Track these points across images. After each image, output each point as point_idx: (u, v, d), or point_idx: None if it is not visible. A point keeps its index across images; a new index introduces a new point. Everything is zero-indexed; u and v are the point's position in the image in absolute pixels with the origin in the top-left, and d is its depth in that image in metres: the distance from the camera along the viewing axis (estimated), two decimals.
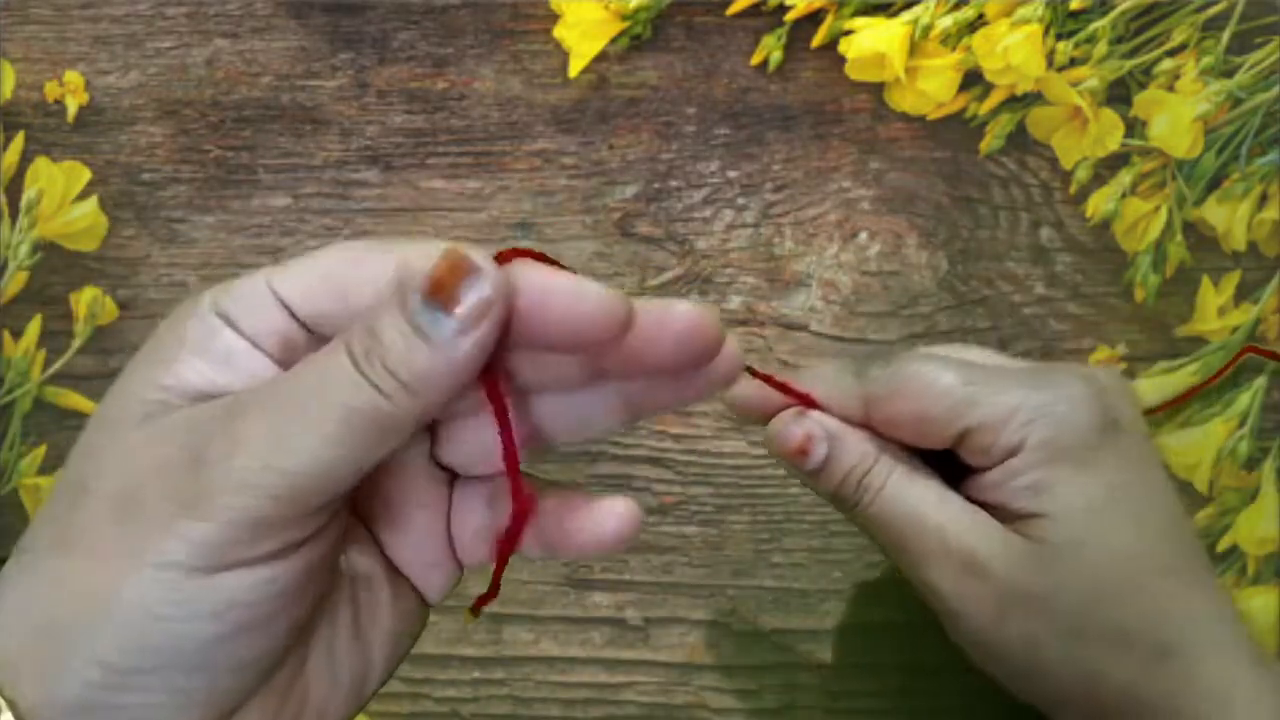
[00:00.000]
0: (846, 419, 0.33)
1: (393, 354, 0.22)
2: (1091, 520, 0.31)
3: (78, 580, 0.23)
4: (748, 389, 0.33)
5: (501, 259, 0.23)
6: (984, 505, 0.33)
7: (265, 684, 0.25)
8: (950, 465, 0.34)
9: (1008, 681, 0.33)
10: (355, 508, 0.27)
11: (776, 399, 0.33)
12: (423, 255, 0.23)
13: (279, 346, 0.24)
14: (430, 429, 0.27)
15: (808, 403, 0.33)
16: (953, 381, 0.32)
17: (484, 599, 0.27)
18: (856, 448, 0.33)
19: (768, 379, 0.32)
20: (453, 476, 0.27)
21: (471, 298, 0.22)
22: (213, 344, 0.24)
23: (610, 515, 0.26)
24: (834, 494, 0.34)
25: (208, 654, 0.23)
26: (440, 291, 0.22)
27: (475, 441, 0.26)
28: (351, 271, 0.24)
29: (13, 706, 0.23)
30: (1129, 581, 0.31)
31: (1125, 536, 0.32)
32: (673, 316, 0.23)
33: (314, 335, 0.24)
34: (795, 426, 0.33)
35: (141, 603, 0.22)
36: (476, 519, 0.27)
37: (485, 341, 0.22)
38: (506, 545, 0.25)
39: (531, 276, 0.23)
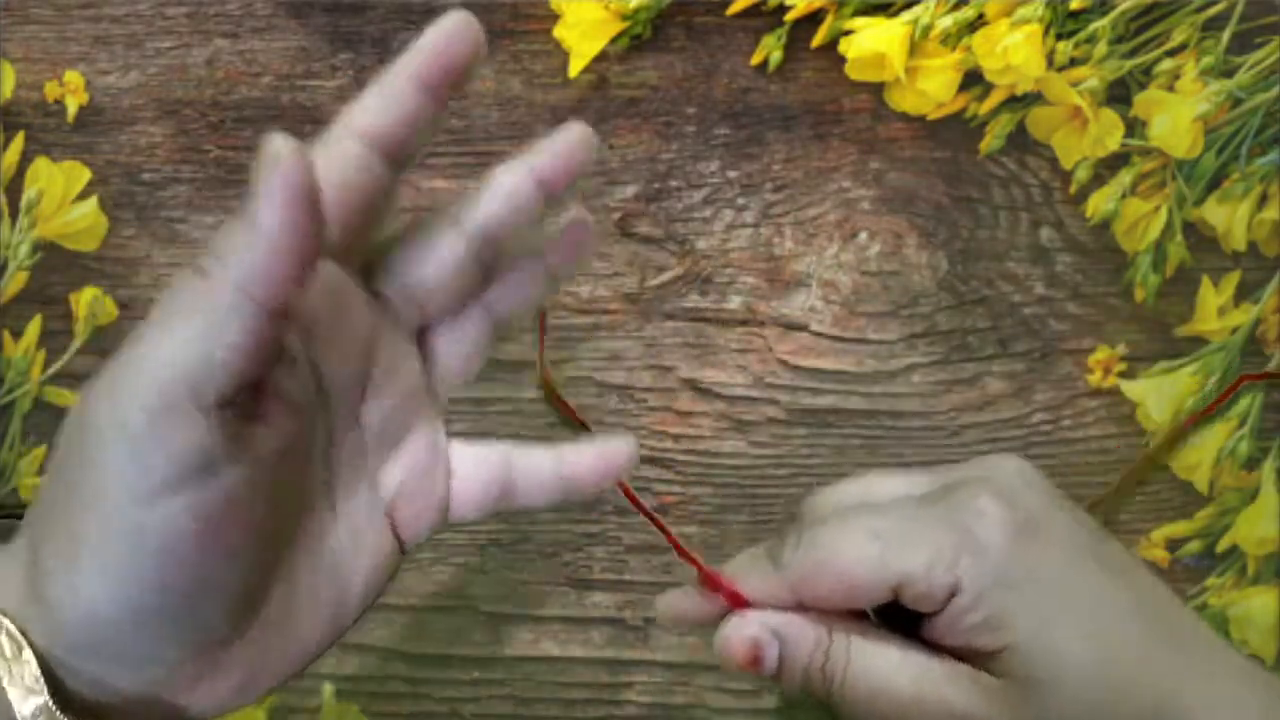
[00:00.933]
0: (780, 606, 0.32)
1: (215, 241, 0.24)
2: (1052, 637, 0.30)
3: (57, 503, 0.25)
4: (674, 598, 0.33)
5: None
6: (948, 649, 0.31)
7: (255, 616, 0.27)
8: (905, 610, 0.32)
9: None
10: (357, 452, 0.29)
11: (706, 606, 0.33)
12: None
13: None
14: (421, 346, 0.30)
15: (739, 602, 0.32)
16: (864, 546, 0.31)
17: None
18: (808, 638, 0.32)
19: (695, 563, 0.32)
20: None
21: (269, 167, 0.23)
22: None
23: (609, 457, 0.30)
24: (801, 688, 0.32)
25: (168, 583, 0.25)
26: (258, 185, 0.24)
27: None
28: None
29: (30, 643, 0.25)
30: (1112, 688, 0.30)
31: (1091, 644, 0.30)
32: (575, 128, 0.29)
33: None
34: (740, 633, 0.32)
35: (116, 516, 0.24)
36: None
37: (291, 201, 0.24)
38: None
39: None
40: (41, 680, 0.25)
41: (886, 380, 0.45)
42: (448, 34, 0.28)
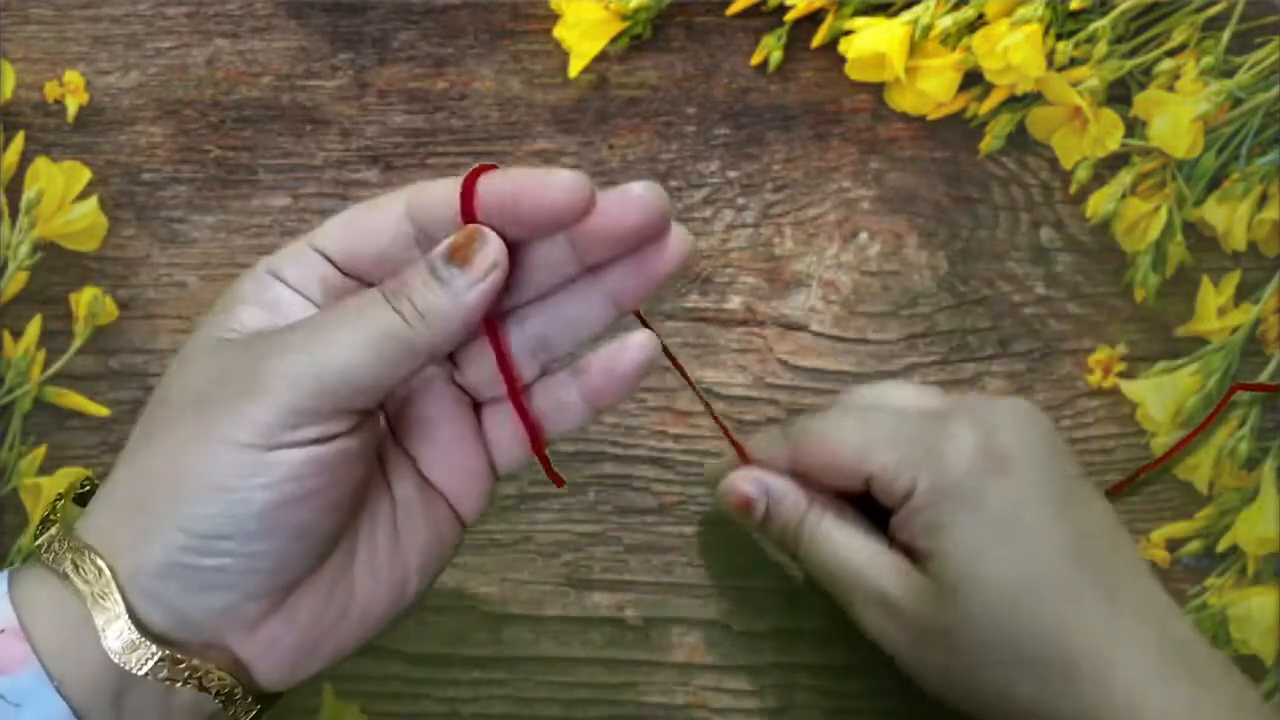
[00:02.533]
0: (779, 471, 0.38)
1: (416, 294, 0.29)
2: (980, 556, 0.34)
3: (160, 464, 0.29)
4: (713, 464, 0.41)
5: (469, 180, 0.29)
6: (900, 545, 0.36)
7: (317, 570, 0.30)
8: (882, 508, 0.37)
9: (937, 700, 0.35)
10: (396, 438, 0.33)
11: (733, 468, 0.39)
12: (423, 190, 0.30)
13: (319, 291, 0.31)
14: (451, 360, 0.33)
15: (748, 462, 0.38)
16: (852, 432, 0.36)
17: (552, 475, 0.34)
18: (789, 500, 0.37)
19: (723, 428, 0.38)
20: (475, 402, 0.33)
21: (481, 260, 0.29)
22: (264, 294, 0.30)
23: (629, 349, 0.32)
24: (778, 540, 0.38)
25: (266, 521, 0.28)
26: (457, 253, 0.29)
27: (489, 368, 0.32)
28: (370, 213, 0.31)
29: (113, 571, 0.28)
30: (1023, 610, 0.33)
31: (1015, 568, 0.33)
32: (630, 190, 0.29)
33: (348, 276, 0.31)
34: (738, 484, 0.38)
35: (210, 476, 0.28)
36: (506, 431, 0.33)
37: (489, 292, 0.29)
38: (538, 448, 0.33)
39: (504, 179, 0.29)
40: (123, 605, 0.28)
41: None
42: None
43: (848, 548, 0.36)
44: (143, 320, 0.45)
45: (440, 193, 0.30)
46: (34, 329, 0.45)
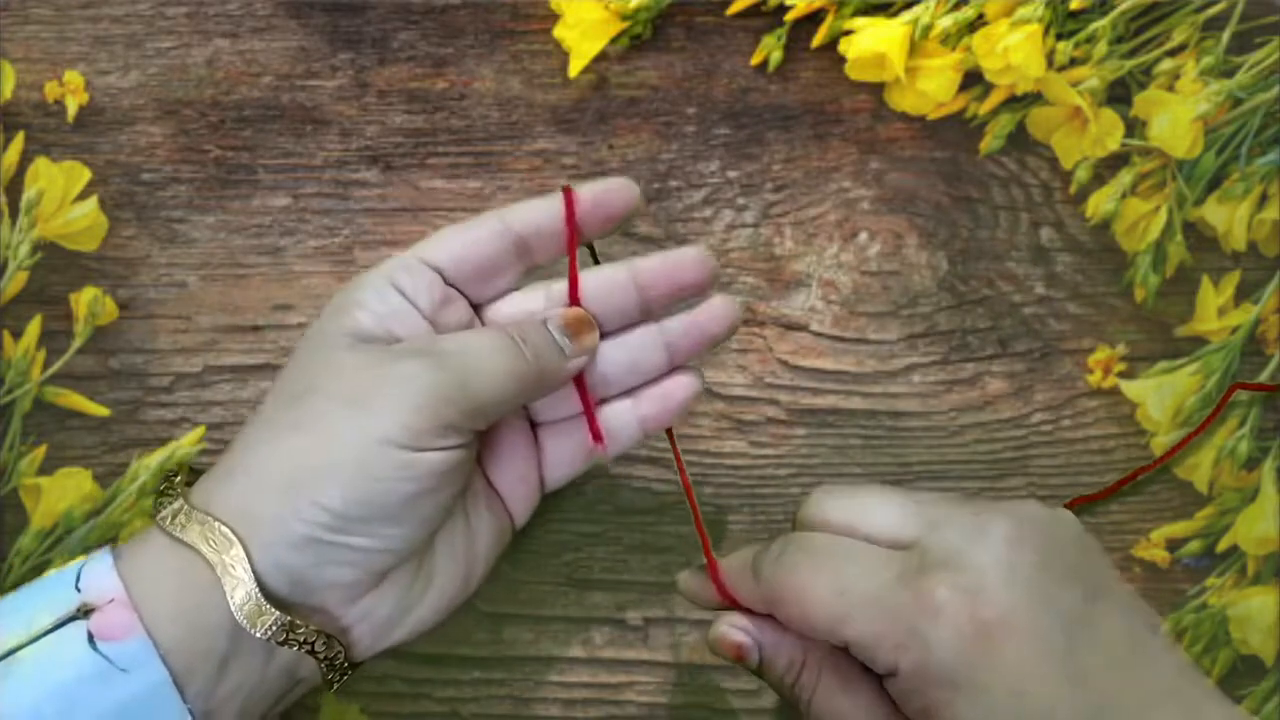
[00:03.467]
0: (758, 610, 0.35)
1: (539, 350, 0.35)
2: None
3: (316, 449, 0.32)
4: (686, 578, 0.38)
5: (569, 202, 0.36)
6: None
7: (414, 553, 0.34)
8: None
9: None
10: None
11: (708, 592, 0.37)
12: (524, 208, 0.36)
13: (426, 300, 0.35)
14: None
15: (729, 598, 0.36)
16: (827, 598, 0.32)
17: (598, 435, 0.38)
18: (783, 655, 0.35)
19: (706, 552, 0.37)
20: (533, 422, 0.39)
21: (587, 341, 0.36)
22: (383, 304, 0.35)
23: (681, 384, 0.38)
24: (777, 690, 0.36)
25: (404, 508, 0.33)
26: (571, 326, 0.36)
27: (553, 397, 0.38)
28: (472, 229, 0.36)
29: (243, 543, 0.32)
30: None
31: None
32: (689, 250, 0.37)
33: (449, 286, 0.36)
34: (729, 634, 0.35)
35: (366, 466, 0.32)
36: (556, 450, 0.38)
37: (586, 362, 0.36)
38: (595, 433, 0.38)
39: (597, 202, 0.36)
40: (252, 573, 0.31)
41: (886, 380, 0.45)
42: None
43: (849, 712, 0.34)
44: (143, 320, 0.45)
45: (541, 209, 0.36)
46: (34, 329, 0.45)
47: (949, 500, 0.34)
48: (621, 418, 0.38)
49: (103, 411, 0.44)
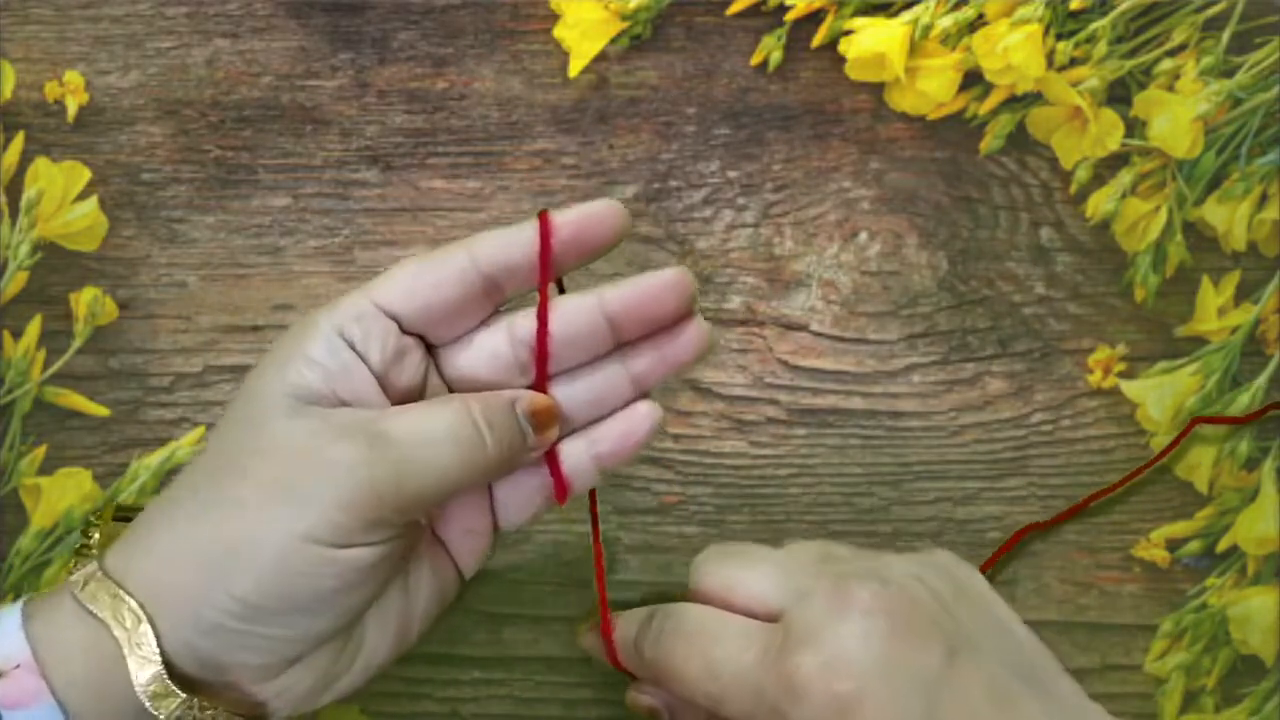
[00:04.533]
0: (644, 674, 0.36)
1: (503, 437, 0.32)
2: None
3: (235, 536, 0.30)
4: (588, 639, 0.38)
5: (544, 235, 0.33)
6: None
7: (337, 636, 0.32)
8: None
9: None
10: None
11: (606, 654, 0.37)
12: (489, 241, 0.33)
13: (378, 354, 0.32)
14: None
15: (609, 644, 0.37)
16: (699, 674, 0.33)
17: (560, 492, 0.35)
18: (690, 714, 0.36)
19: (604, 614, 0.36)
20: None
21: (549, 435, 0.34)
22: (333, 360, 0.32)
23: (638, 424, 0.35)
24: None
25: (321, 603, 0.31)
26: (539, 417, 0.33)
27: None
28: (435, 268, 0.33)
29: (152, 623, 0.30)
30: None
31: None
32: (667, 273, 0.33)
33: (406, 334, 0.33)
34: (641, 700, 0.37)
35: (286, 561, 0.30)
36: (510, 496, 0.36)
37: (547, 449, 0.34)
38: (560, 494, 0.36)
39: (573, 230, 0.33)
40: (158, 652, 0.30)
41: (886, 380, 0.45)
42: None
43: None
44: (143, 320, 0.45)
45: (514, 244, 0.33)
46: (34, 329, 0.45)
47: (819, 564, 0.34)
48: (576, 458, 0.35)
49: (103, 411, 0.44)
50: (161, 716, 0.30)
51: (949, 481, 0.44)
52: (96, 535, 0.33)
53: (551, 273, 0.33)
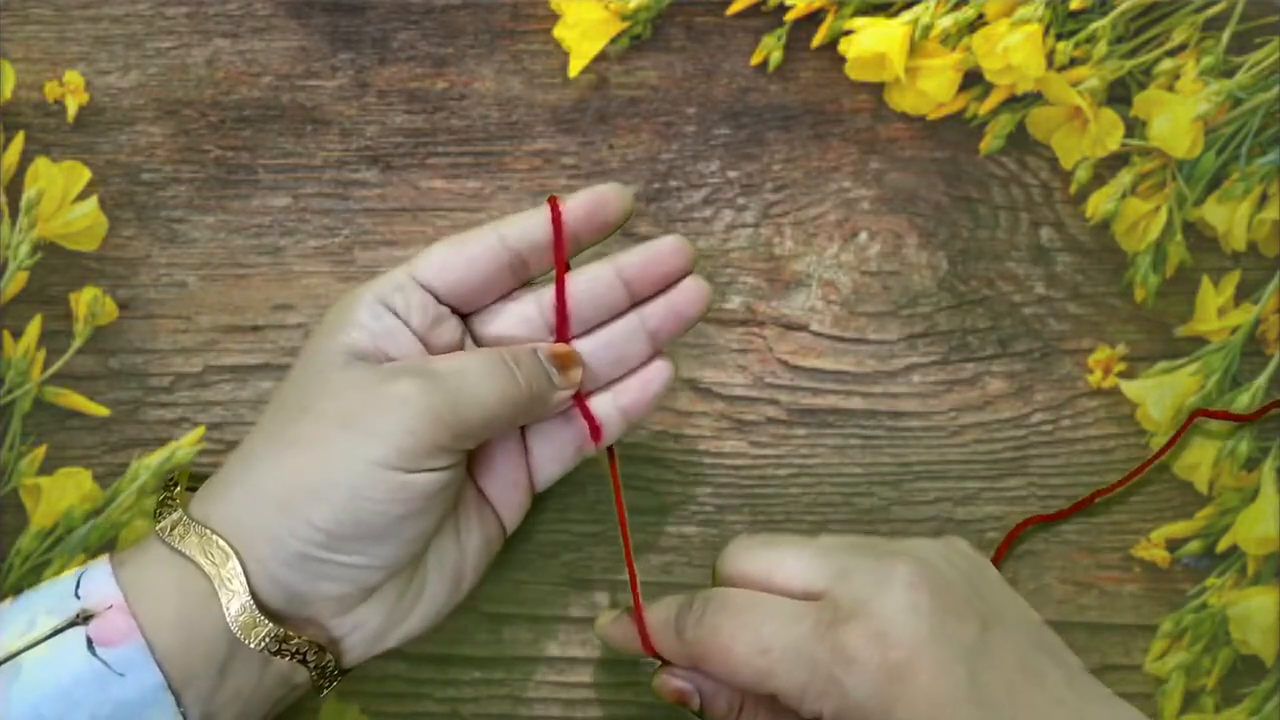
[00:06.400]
0: (682, 663, 0.37)
1: (531, 376, 0.36)
2: None
3: (311, 471, 0.33)
4: (610, 625, 0.39)
5: (556, 216, 0.36)
6: None
7: (404, 568, 0.35)
8: None
9: None
10: None
11: (633, 642, 0.38)
12: (510, 226, 0.36)
13: (418, 319, 0.36)
14: None
15: (654, 652, 0.37)
16: (750, 655, 0.34)
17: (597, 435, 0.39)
18: (721, 701, 0.37)
19: (636, 604, 0.38)
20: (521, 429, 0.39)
21: (573, 376, 0.37)
22: (377, 323, 0.35)
23: (654, 376, 0.39)
24: None
25: (394, 528, 0.33)
26: (559, 360, 0.37)
27: None
28: (467, 246, 0.36)
29: (239, 558, 0.32)
30: None
31: None
32: (667, 239, 0.38)
33: (441, 304, 0.36)
34: (669, 684, 0.37)
35: (356, 487, 0.32)
36: (544, 450, 0.39)
37: (573, 391, 0.37)
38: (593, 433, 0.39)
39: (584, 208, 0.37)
40: (247, 587, 0.32)
41: (886, 380, 0.45)
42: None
43: None
44: (143, 320, 0.45)
45: (538, 223, 0.36)
46: (34, 329, 0.45)
47: (853, 547, 0.36)
48: (604, 409, 0.39)
49: (103, 411, 0.44)
50: (251, 644, 0.32)
51: (949, 481, 0.44)
52: (179, 485, 0.35)
53: (568, 248, 0.37)
